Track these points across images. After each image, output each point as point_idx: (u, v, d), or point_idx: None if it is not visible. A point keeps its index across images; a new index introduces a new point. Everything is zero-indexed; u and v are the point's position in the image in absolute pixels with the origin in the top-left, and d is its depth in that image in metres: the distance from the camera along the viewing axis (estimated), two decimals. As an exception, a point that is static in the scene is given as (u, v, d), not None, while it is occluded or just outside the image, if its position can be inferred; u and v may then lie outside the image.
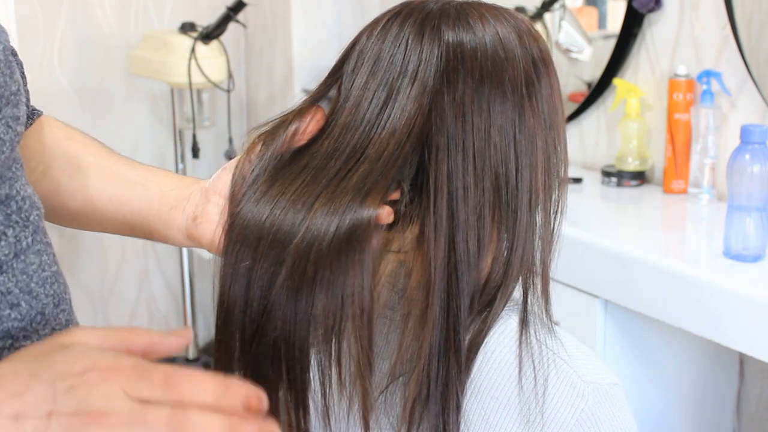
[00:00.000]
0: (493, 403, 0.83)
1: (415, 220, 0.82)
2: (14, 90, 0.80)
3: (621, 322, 1.81)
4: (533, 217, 0.85)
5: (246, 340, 0.80)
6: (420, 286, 0.81)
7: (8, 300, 0.76)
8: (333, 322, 0.78)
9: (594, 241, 1.79)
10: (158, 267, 3.31)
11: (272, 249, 0.79)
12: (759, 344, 1.50)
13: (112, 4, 3.04)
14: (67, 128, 1.03)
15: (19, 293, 0.77)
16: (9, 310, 0.75)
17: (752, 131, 1.59)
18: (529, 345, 0.83)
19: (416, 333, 0.81)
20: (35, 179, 0.97)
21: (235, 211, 0.83)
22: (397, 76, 0.83)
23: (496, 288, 0.85)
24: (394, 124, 0.82)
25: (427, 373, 0.81)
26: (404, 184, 0.82)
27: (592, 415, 0.82)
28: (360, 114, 0.83)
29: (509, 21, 0.85)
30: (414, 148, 0.81)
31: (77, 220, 0.99)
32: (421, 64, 0.82)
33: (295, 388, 0.80)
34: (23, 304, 0.77)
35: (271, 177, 0.83)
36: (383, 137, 0.82)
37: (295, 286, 0.78)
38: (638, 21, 2.18)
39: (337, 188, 0.80)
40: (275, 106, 3.15)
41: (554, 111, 0.86)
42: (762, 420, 2.04)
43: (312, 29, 3.01)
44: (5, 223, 0.77)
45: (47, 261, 0.81)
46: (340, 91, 0.85)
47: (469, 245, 0.81)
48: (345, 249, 0.77)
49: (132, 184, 0.95)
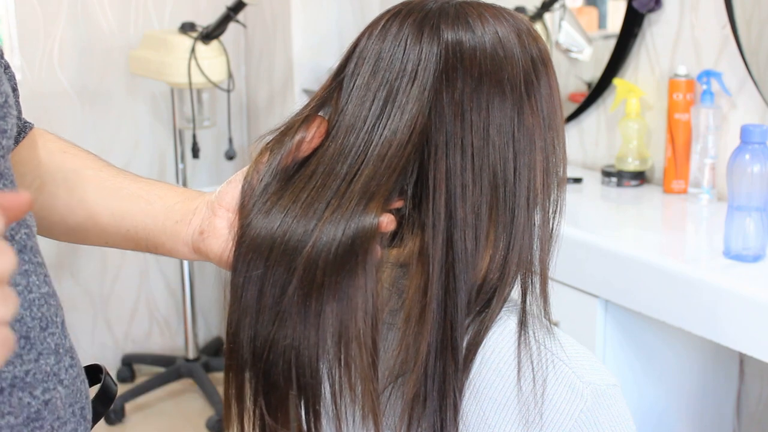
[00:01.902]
0: (492, 404, 0.83)
1: (417, 224, 0.83)
2: (0, 102, 0.78)
3: (621, 322, 1.81)
4: (531, 216, 0.85)
5: (258, 347, 0.81)
6: (418, 285, 0.82)
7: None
8: (341, 326, 0.78)
9: (594, 241, 1.79)
10: (158, 267, 3.31)
11: (284, 257, 0.79)
12: (759, 344, 1.50)
13: (112, 4, 3.04)
14: (60, 141, 1.00)
15: None
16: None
17: (752, 131, 1.59)
18: (528, 346, 0.83)
19: (415, 332, 0.81)
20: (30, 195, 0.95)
21: (245, 222, 0.83)
22: (396, 75, 0.83)
23: (494, 288, 0.85)
24: (396, 124, 0.82)
25: (425, 371, 0.81)
26: (407, 188, 0.82)
27: (591, 416, 0.82)
28: (362, 115, 0.83)
29: (508, 20, 0.85)
30: (416, 148, 0.82)
31: (76, 236, 0.97)
32: (420, 63, 0.82)
33: (306, 394, 0.80)
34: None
35: (281, 186, 0.83)
36: (385, 138, 0.82)
37: (305, 293, 0.78)
38: (638, 21, 2.18)
39: (345, 194, 0.80)
40: (275, 106, 3.15)
41: (553, 111, 0.86)
42: (762, 420, 2.04)
43: (312, 29, 3.01)
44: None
45: (35, 282, 0.78)
46: (341, 93, 0.86)
47: (467, 243, 0.82)
48: (349, 255, 0.78)
49: (134, 198, 0.93)
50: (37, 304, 0.78)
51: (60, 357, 0.80)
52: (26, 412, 0.75)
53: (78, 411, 0.82)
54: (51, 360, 0.78)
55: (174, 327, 3.38)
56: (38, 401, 0.76)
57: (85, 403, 0.83)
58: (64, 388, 0.80)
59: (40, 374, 0.77)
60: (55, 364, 0.79)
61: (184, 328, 3.22)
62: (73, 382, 0.81)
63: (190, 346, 3.19)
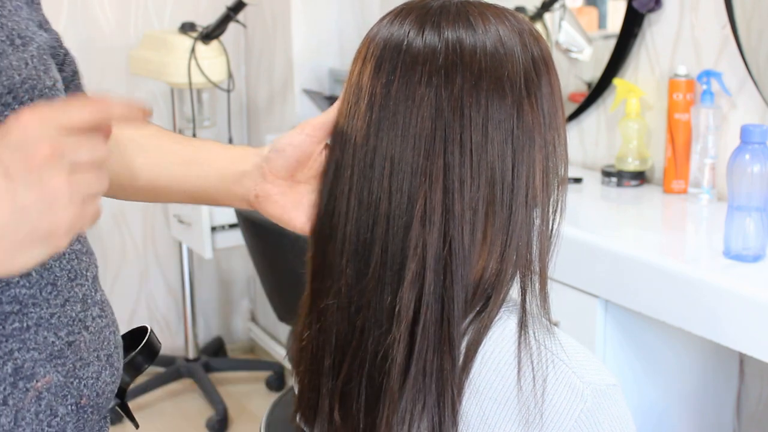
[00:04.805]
0: (492, 403, 0.83)
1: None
2: (49, 85, 0.86)
3: (621, 322, 1.81)
4: (530, 215, 0.86)
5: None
6: (415, 279, 0.82)
7: None
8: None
9: (594, 241, 1.79)
10: (158, 267, 3.31)
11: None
12: (759, 344, 1.50)
13: (112, 4, 3.04)
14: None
15: None
16: (18, 277, 0.81)
17: (752, 131, 1.59)
18: (528, 346, 0.83)
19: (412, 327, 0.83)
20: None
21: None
22: (399, 70, 0.83)
23: (492, 286, 0.85)
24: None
25: (423, 368, 0.82)
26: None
27: (591, 416, 0.82)
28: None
29: (510, 20, 0.86)
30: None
31: (145, 195, 1.07)
32: (419, 58, 0.83)
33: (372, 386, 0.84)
34: (33, 274, 0.82)
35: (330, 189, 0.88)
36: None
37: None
38: (638, 21, 2.18)
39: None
40: (275, 106, 3.15)
41: (554, 110, 0.87)
42: (762, 420, 2.04)
43: (312, 29, 3.01)
44: None
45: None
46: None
47: (464, 239, 0.82)
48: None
49: (188, 164, 1.02)
50: (67, 257, 0.86)
51: (87, 306, 0.88)
52: (50, 350, 0.83)
53: (104, 357, 0.89)
54: (77, 307, 0.87)
55: (174, 327, 3.38)
56: (62, 341, 0.84)
57: (112, 351, 0.91)
58: (90, 333, 0.88)
59: (66, 318, 0.85)
60: (81, 312, 0.87)
61: (184, 328, 3.22)
62: (100, 331, 0.89)
63: (190, 346, 3.19)
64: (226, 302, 3.52)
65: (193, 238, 2.98)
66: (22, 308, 0.81)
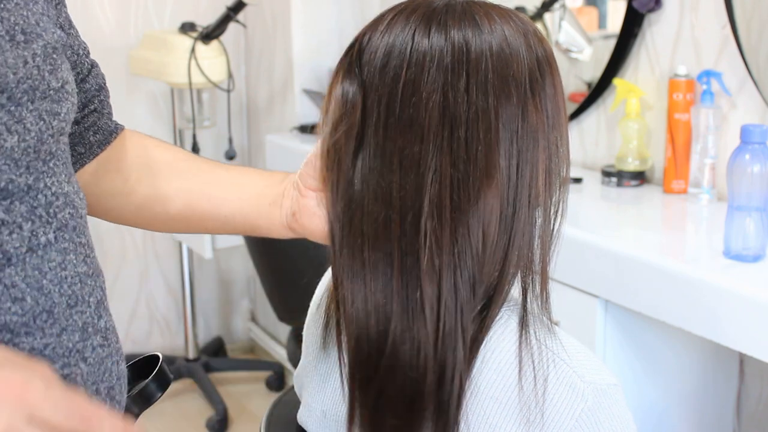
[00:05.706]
0: (493, 403, 0.83)
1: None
2: (55, 87, 0.82)
3: (621, 322, 1.81)
4: (532, 214, 0.86)
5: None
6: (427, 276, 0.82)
7: (11, 293, 0.76)
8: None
9: (594, 241, 1.79)
10: (158, 267, 3.31)
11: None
12: (759, 344, 1.50)
13: (112, 4, 3.04)
14: (152, 137, 1.08)
15: (26, 288, 0.77)
16: (10, 303, 0.75)
17: (752, 131, 1.59)
18: (529, 345, 0.83)
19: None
20: (129, 188, 1.02)
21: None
22: (405, 67, 0.83)
23: (493, 285, 0.85)
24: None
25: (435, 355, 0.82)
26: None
27: (592, 416, 0.82)
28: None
29: (515, 21, 0.86)
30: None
31: (178, 224, 1.04)
32: (427, 56, 0.82)
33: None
34: (28, 300, 0.77)
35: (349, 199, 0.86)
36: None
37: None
38: (638, 21, 2.18)
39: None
40: (275, 106, 3.15)
41: (557, 111, 0.87)
42: (762, 420, 2.04)
43: (312, 29, 3.01)
44: (25, 216, 0.77)
45: (72, 260, 0.81)
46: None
47: (472, 239, 0.82)
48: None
49: (229, 186, 1.01)
50: (68, 282, 0.80)
51: (87, 335, 0.81)
52: None
53: (104, 390, 0.83)
54: (75, 337, 0.80)
55: (174, 327, 3.38)
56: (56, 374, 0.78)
57: (114, 383, 0.85)
58: (88, 366, 0.81)
59: (61, 349, 0.79)
60: (80, 341, 0.81)
61: (184, 328, 3.22)
62: (101, 362, 0.83)
63: (190, 346, 3.19)
64: (226, 302, 3.52)
65: (193, 238, 2.98)
66: (13, 337, 0.75)
